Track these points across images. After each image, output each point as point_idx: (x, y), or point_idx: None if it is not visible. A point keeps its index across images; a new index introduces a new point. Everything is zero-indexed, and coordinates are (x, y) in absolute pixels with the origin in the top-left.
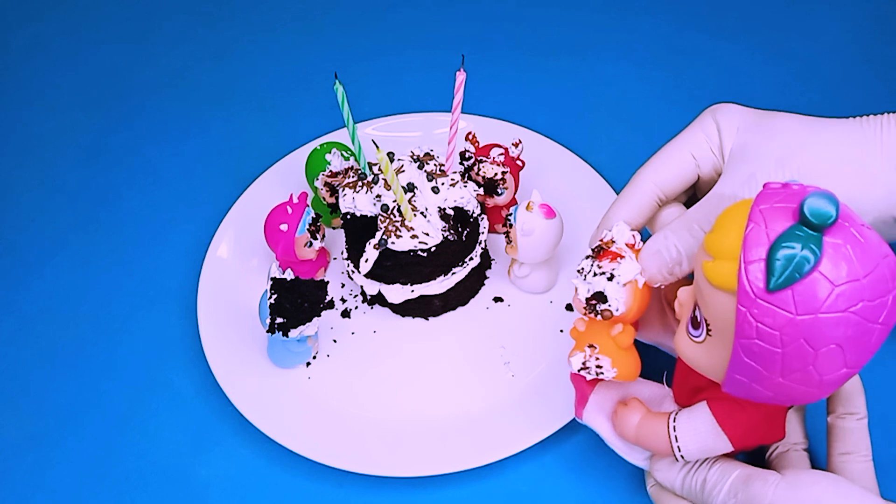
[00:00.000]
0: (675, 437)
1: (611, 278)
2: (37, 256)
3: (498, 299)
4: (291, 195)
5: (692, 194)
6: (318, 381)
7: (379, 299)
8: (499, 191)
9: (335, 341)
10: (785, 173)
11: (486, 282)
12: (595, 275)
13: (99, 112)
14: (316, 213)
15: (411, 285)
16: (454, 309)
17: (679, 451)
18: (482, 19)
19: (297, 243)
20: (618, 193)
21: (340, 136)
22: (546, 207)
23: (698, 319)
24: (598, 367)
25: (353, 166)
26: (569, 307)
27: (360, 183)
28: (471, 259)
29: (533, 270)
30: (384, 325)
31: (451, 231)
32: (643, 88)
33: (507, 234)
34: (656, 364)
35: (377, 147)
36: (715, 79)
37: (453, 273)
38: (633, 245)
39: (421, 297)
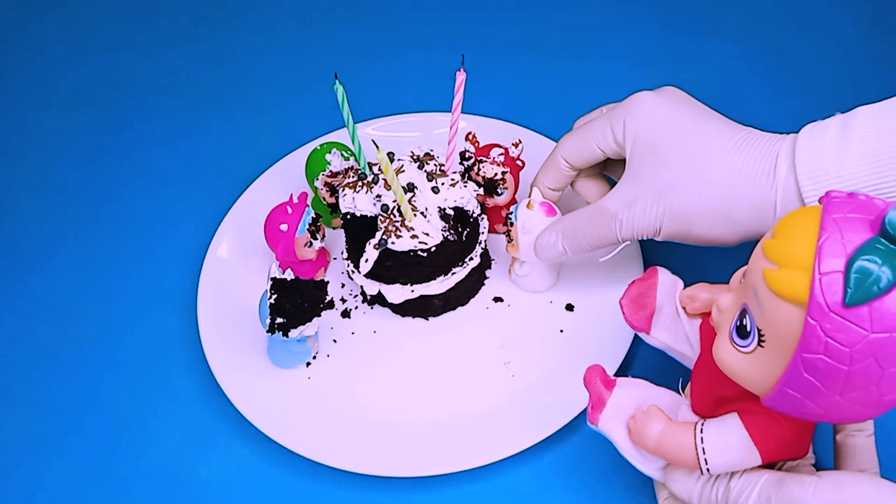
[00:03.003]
0: (703, 449)
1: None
2: (37, 256)
3: (498, 299)
4: (291, 195)
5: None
6: (318, 381)
7: (379, 299)
8: (499, 191)
9: (335, 341)
10: (659, 209)
11: (486, 282)
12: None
13: (99, 113)
14: (316, 213)
15: (411, 285)
16: (454, 309)
17: (706, 463)
18: (482, 19)
19: (297, 243)
20: None
21: (340, 136)
22: (547, 206)
23: (748, 329)
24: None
25: (353, 166)
26: (569, 307)
27: (360, 183)
28: (471, 259)
29: (534, 269)
30: (384, 325)
31: (451, 231)
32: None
33: (507, 232)
34: (668, 371)
35: (377, 147)
36: (715, 79)
37: (453, 273)
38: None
39: (421, 297)
